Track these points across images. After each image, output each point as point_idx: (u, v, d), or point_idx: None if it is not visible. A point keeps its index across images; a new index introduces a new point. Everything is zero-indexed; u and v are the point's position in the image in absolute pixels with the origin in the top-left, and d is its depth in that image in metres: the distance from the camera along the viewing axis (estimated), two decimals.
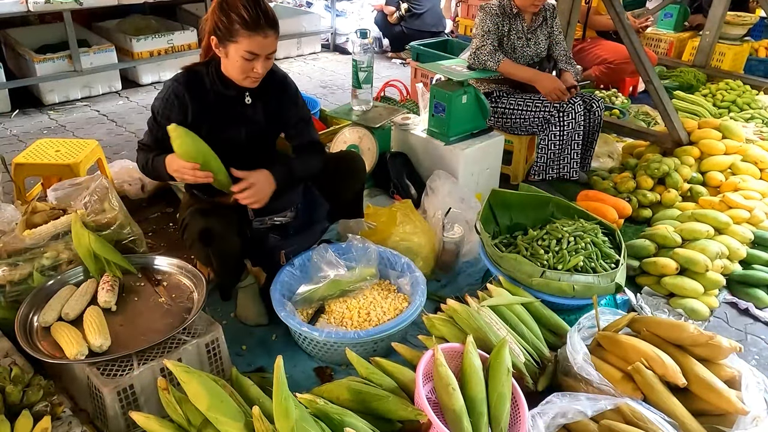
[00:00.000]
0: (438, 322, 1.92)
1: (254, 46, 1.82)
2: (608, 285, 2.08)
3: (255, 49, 1.82)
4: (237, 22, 1.79)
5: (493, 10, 2.97)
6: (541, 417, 1.58)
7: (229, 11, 1.80)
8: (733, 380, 1.65)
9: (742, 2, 5.57)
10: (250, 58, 1.84)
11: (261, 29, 1.80)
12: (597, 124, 3.14)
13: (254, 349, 2.11)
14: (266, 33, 1.81)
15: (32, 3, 3.91)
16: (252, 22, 1.78)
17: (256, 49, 1.82)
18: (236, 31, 1.80)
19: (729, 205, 2.83)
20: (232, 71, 1.91)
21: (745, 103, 4.29)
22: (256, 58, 1.85)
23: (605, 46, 4.37)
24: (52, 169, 2.70)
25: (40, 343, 1.74)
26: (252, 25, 1.78)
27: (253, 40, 1.81)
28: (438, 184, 2.72)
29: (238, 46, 1.82)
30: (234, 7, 1.79)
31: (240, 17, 1.78)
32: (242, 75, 1.90)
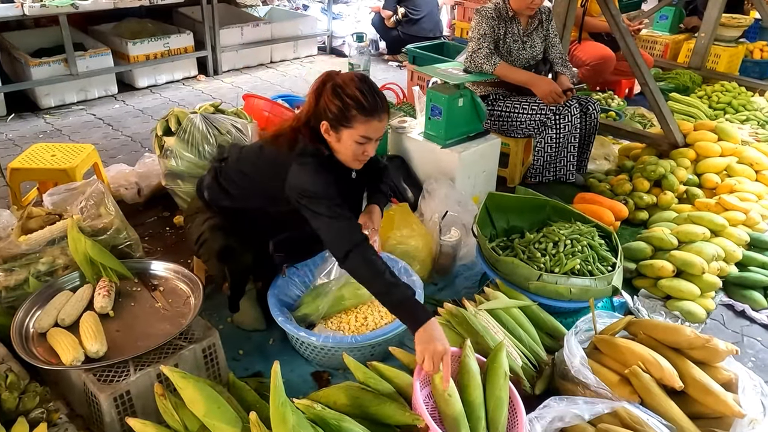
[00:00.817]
0: None
1: (370, 131, 1.80)
2: (605, 288, 2.08)
3: (371, 133, 1.81)
4: (353, 108, 1.77)
5: (489, 13, 2.98)
6: (539, 421, 1.58)
7: (344, 96, 1.78)
8: (729, 383, 1.66)
9: (736, 4, 5.60)
10: (363, 142, 1.82)
11: (377, 114, 1.79)
12: (593, 126, 3.16)
13: (251, 353, 2.10)
14: (381, 117, 1.81)
15: (28, 7, 3.90)
16: (369, 108, 1.77)
17: (372, 134, 1.82)
18: (353, 117, 1.78)
19: (725, 207, 2.84)
20: (342, 155, 1.88)
21: (740, 104, 4.31)
22: (368, 142, 1.84)
23: (583, 48, 4.35)
24: (47, 174, 2.69)
25: (36, 350, 1.73)
26: (369, 111, 1.77)
27: (370, 125, 1.79)
28: (435, 188, 2.72)
29: (353, 132, 1.80)
30: (350, 92, 1.77)
31: (357, 103, 1.76)
32: (353, 158, 1.88)
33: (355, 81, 1.80)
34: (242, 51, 5.42)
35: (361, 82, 1.80)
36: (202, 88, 4.96)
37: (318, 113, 1.85)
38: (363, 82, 1.81)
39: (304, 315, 2.06)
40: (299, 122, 1.91)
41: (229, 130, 2.67)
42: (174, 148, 2.61)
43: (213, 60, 5.20)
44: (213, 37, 5.11)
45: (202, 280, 2.30)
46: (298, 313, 2.06)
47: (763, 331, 2.35)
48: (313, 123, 1.87)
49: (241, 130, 2.71)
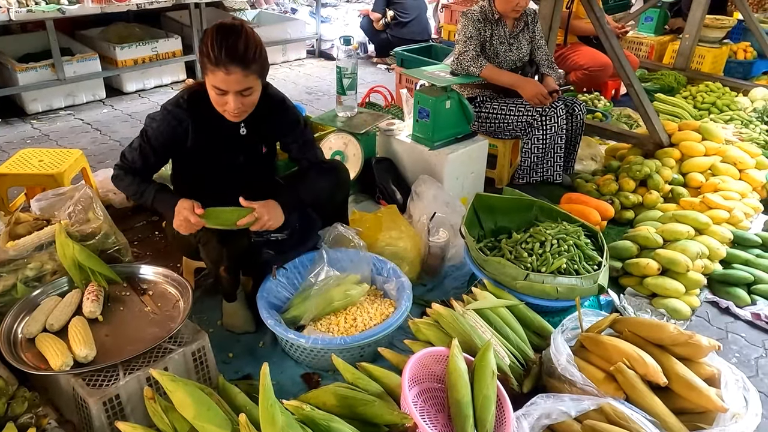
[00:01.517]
0: (423, 326, 1.93)
1: (218, 81, 1.79)
2: (591, 286, 2.11)
3: (219, 84, 1.79)
4: (205, 56, 1.78)
5: (475, 15, 3.01)
6: (526, 418, 1.60)
7: (201, 44, 1.80)
8: (712, 378, 1.69)
9: (720, 6, 5.67)
10: (219, 93, 1.82)
11: (222, 65, 1.75)
12: (579, 127, 3.19)
13: (241, 356, 2.11)
14: (228, 69, 1.75)
15: (14, 12, 3.89)
16: (214, 57, 1.75)
17: (221, 85, 1.79)
18: (204, 65, 1.80)
19: (709, 205, 2.88)
20: (213, 103, 1.90)
21: (724, 104, 4.36)
22: (225, 94, 1.82)
23: (583, 52, 4.42)
24: (35, 180, 2.69)
25: (25, 355, 1.73)
26: (214, 60, 1.76)
27: (216, 75, 1.77)
28: (423, 189, 2.74)
29: (208, 80, 1.83)
30: (205, 40, 1.78)
31: (206, 51, 1.77)
32: (219, 108, 1.89)
33: (213, 30, 1.79)
34: None
35: (217, 31, 1.78)
36: None
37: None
38: (218, 32, 1.77)
39: (293, 317, 2.07)
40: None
41: None
42: None
43: None
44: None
45: (192, 283, 2.32)
46: (287, 315, 2.07)
47: (747, 328, 2.39)
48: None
49: None
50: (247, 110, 1.91)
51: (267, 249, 2.19)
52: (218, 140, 2.00)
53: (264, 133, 2.10)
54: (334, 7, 7.39)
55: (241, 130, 2.03)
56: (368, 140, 2.99)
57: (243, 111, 1.89)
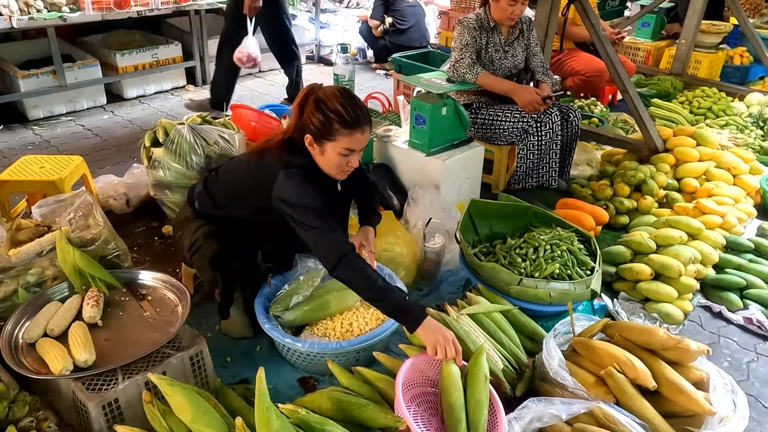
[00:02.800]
0: None
1: (353, 143, 1.85)
2: (584, 291, 2.14)
3: (353, 146, 1.86)
4: (336, 121, 1.81)
5: (471, 23, 3.04)
6: (518, 421, 1.63)
7: (326, 110, 1.82)
8: (701, 382, 1.72)
9: (716, 11, 5.71)
10: (347, 154, 1.87)
11: (359, 126, 1.83)
12: (574, 133, 3.22)
13: (239, 360, 2.14)
14: (364, 129, 1.84)
15: (16, 19, 3.92)
16: (352, 122, 1.81)
17: (354, 146, 1.86)
18: (335, 131, 1.82)
19: (702, 211, 2.91)
20: (326, 166, 1.93)
21: (720, 110, 4.40)
22: (352, 154, 1.88)
23: (580, 58, 4.46)
24: (36, 186, 2.72)
25: (26, 359, 1.76)
26: (352, 124, 1.81)
27: (353, 138, 1.83)
28: (419, 195, 2.77)
29: (335, 144, 1.85)
30: (332, 105, 1.81)
31: (339, 116, 1.80)
32: (337, 170, 1.92)
33: (337, 95, 1.84)
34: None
35: (342, 96, 1.85)
36: (190, 98, 4.99)
37: (301, 126, 1.90)
38: (345, 96, 1.85)
39: (290, 321, 2.09)
40: (285, 135, 1.97)
41: (216, 140, 2.71)
42: (162, 159, 2.64)
43: (201, 70, 5.24)
44: (201, 48, 5.15)
45: (190, 289, 2.35)
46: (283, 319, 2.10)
47: (739, 332, 2.42)
48: (297, 136, 1.93)
49: (228, 140, 2.75)
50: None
51: (264, 262, 2.23)
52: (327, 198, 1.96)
53: (351, 186, 2.14)
54: (333, 13, 7.43)
55: (338, 187, 2.09)
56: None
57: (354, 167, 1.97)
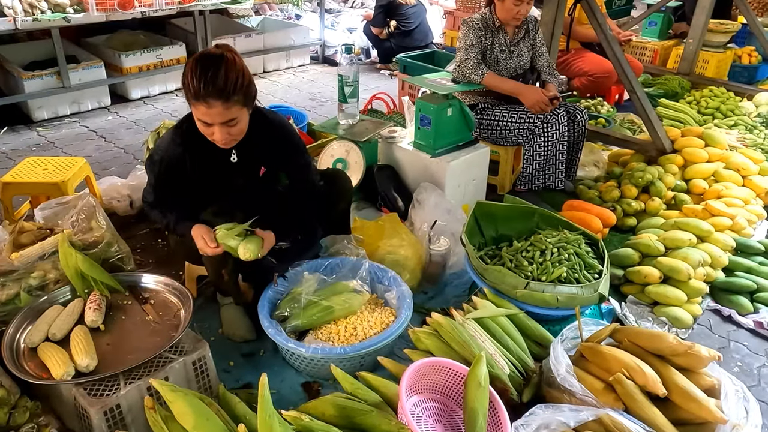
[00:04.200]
0: (423, 335, 1.94)
1: (200, 114, 1.80)
2: (591, 295, 2.10)
3: (202, 117, 1.81)
4: (186, 89, 1.79)
5: (476, 23, 3.01)
6: (525, 428, 1.60)
7: (183, 77, 1.79)
8: (712, 389, 1.68)
9: (724, 10, 5.66)
10: (205, 124, 1.84)
11: (202, 98, 1.75)
12: (581, 134, 3.19)
13: (242, 365, 2.12)
14: (209, 103, 1.76)
15: (20, 20, 3.92)
16: (194, 91, 1.76)
17: (204, 118, 1.81)
18: (187, 97, 1.81)
19: (711, 212, 2.87)
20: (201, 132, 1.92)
21: (728, 109, 4.35)
22: (210, 126, 1.83)
23: (587, 58, 4.43)
24: (39, 188, 2.71)
25: (27, 364, 1.74)
26: (194, 94, 1.76)
27: (198, 108, 1.79)
28: (425, 197, 2.74)
29: (192, 111, 1.85)
30: (185, 72, 1.78)
31: (187, 84, 1.77)
32: (208, 137, 1.89)
33: (193, 63, 1.78)
34: None
35: (197, 62, 1.77)
36: None
37: None
38: (198, 63, 1.76)
39: (294, 326, 2.07)
40: None
41: None
42: None
43: None
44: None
45: (193, 292, 2.34)
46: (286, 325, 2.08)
47: (750, 336, 2.38)
48: None
49: None
50: (236, 138, 1.92)
51: (269, 257, 2.20)
52: (212, 166, 2.00)
53: (257, 157, 2.10)
54: (337, 14, 7.40)
55: (232, 158, 2.03)
56: (370, 148, 3.00)
57: (231, 140, 1.91)
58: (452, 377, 1.78)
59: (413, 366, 1.73)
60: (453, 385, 1.78)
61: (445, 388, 1.80)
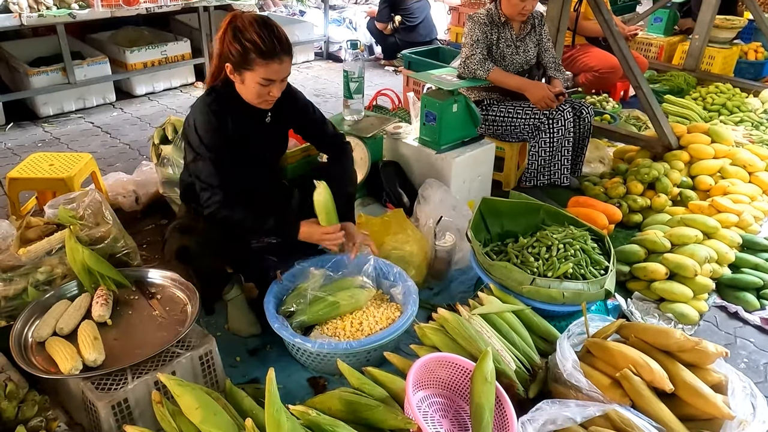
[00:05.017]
0: (429, 331, 1.94)
1: (270, 73, 1.84)
2: (598, 291, 2.10)
3: (271, 75, 1.85)
4: (252, 51, 1.80)
5: (482, 19, 3.01)
6: (531, 424, 1.60)
7: (243, 40, 1.81)
8: (720, 385, 1.68)
9: (730, 6, 5.62)
10: (266, 84, 1.86)
11: (277, 56, 1.82)
12: (587, 130, 3.18)
13: (248, 360, 2.12)
14: (282, 59, 1.83)
15: (25, 17, 3.93)
16: (268, 51, 1.80)
17: (273, 76, 1.85)
18: (252, 60, 1.82)
19: (718, 209, 2.86)
20: (247, 96, 1.93)
21: (735, 106, 4.33)
22: (272, 83, 1.87)
23: (593, 54, 4.41)
24: (46, 184, 2.72)
25: (35, 359, 1.75)
26: (268, 54, 1.80)
27: (270, 67, 1.83)
28: (430, 193, 2.74)
29: (254, 74, 1.84)
30: (248, 35, 1.80)
31: (255, 46, 1.79)
32: (258, 99, 1.92)
33: (254, 24, 1.82)
34: None
35: (260, 25, 1.82)
36: (199, 95, 4.98)
37: (223, 56, 1.89)
38: (262, 26, 1.82)
39: (300, 322, 2.08)
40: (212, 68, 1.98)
41: None
42: (170, 157, 2.64)
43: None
44: (210, 44, 5.13)
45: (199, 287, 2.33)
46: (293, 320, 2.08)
47: (756, 333, 2.37)
48: (220, 64, 1.92)
49: None
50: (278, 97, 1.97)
51: (268, 255, 2.21)
52: (250, 129, 2.01)
53: (284, 118, 2.13)
54: (341, 10, 7.39)
55: (267, 119, 2.07)
56: (375, 144, 3.00)
57: (277, 98, 1.95)
58: (458, 373, 1.78)
59: (419, 361, 1.73)
60: (459, 380, 1.79)
61: (451, 384, 1.80)
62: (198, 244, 1.94)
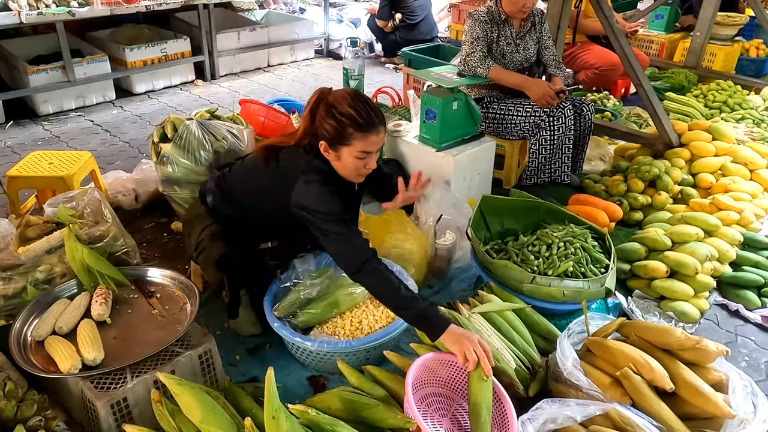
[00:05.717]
0: None
1: (369, 145, 1.83)
2: (598, 289, 2.10)
3: (369, 148, 1.83)
4: (349, 126, 1.79)
5: (482, 16, 3.00)
6: (531, 422, 1.60)
7: (339, 115, 1.80)
8: (720, 384, 1.67)
9: (732, 3, 5.60)
10: (364, 156, 1.85)
11: (374, 128, 1.81)
12: (587, 127, 3.17)
13: (248, 359, 2.12)
14: (379, 130, 1.83)
15: (25, 15, 3.92)
16: (366, 124, 1.79)
17: (371, 148, 1.84)
18: (350, 135, 1.81)
19: (719, 207, 2.85)
20: (344, 171, 1.91)
21: (736, 103, 4.32)
22: (369, 156, 1.86)
23: (593, 51, 4.40)
24: (45, 182, 2.71)
25: (34, 358, 1.75)
26: (365, 127, 1.79)
27: (368, 140, 1.81)
28: (430, 191, 2.73)
29: (351, 149, 1.83)
30: (344, 110, 1.79)
31: (352, 120, 1.79)
32: (355, 173, 1.91)
33: (347, 98, 1.82)
34: (239, 55, 5.44)
35: (353, 98, 1.82)
36: (199, 92, 4.98)
37: (315, 133, 1.88)
38: (355, 99, 1.82)
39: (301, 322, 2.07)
40: (299, 140, 1.95)
41: (225, 136, 2.68)
42: (170, 155, 2.62)
43: (210, 65, 5.23)
44: (210, 42, 5.13)
45: (199, 286, 2.33)
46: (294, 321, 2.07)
47: (757, 331, 2.37)
48: (312, 141, 1.91)
49: (237, 135, 2.72)
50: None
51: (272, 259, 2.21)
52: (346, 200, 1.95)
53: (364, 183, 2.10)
54: (341, 7, 7.37)
55: (356, 186, 2.07)
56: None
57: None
58: (458, 371, 1.78)
59: (419, 360, 1.73)
60: (459, 379, 1.78)
61: (451, 383, 1.80)
62: (236, 252, 1.98)
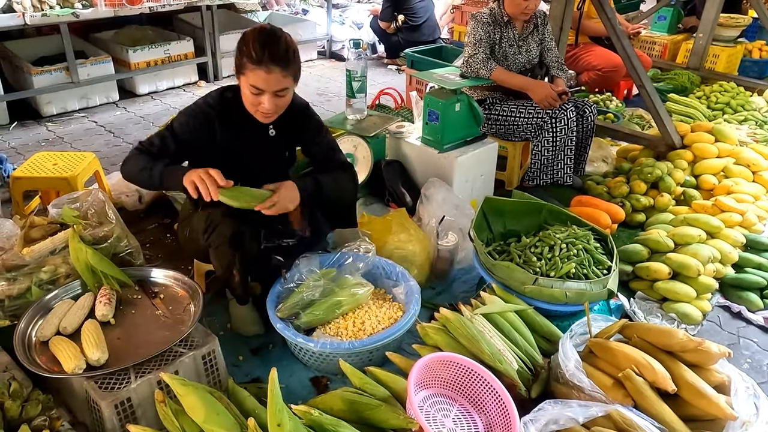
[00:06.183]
0: (431, 330, 1.94)
1: (257, 80, 1.85)
2: (600, 291, 2.10)
3: (258, 83, 1.85)
4: (246, 55, 1.84)
5: (484, 18, 3.00)
6: (534, 424, 1.60)
7: (242, 45, 1.86)
8: (722, 385, 1.67)
9: (734, 4, 5.61)
10: (256, 92, 1.88)
11: (264, 64, 1.82)
12: (590, 129, 3.17)
13: (251, 359, 2.12)
14: (269, 68, 1.83)
15: (29, 16, 3.94)
16: (256, 56, 1.82)
17: (260, 84, 1.85)
18: (243, 64, 1.86)
19: (721, 208, 2.85)
20: (246, 103, 1.96)
21: (739, 104, 4.31)
22: (262, 93, 1.88)
23: (596, 52, 4.40)
24: (49, 183, 2.73)
25: (39, 358, 1.76)
26: (256, 60, 1.82)
27: (256, 74, 1.84)
28: (432, 192, 2.74)
29: (245, 79, 1.88)
30: (246, 41, 1.85)
31: (248, 51, 1.83)
32: (252, 108, 1.95)
33: (256, 32, 1.86)
34: None
35: (260, 33, 1.86)
36: (202, 94, 4.98)
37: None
38: (261, 34, 1.86)
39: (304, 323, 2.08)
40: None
41: None
42: None
43: (213, 66, 5.24)
44: (213, 43, 5.14)
45: (202, 287, 2.34)
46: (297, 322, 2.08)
47: (760, 333, 2.37)
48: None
49: None
50: (279, 112, 1.97)
51: (276, 255, 2.21)
52: (246, 140, 2.04)
53: (290, 136, 2.16)
54: (344, 8, 7.38)
55: (270, 132, 2.09)
56: (378, 143, 3.00)
57: (275, 112, 1.95)
58: (460, 372, 1.78)
59: (421, 361, 1.73)
60: (461, 380, 1.79)
61: (453, 383, 1.81)
62: (249, 230, 1.99)
